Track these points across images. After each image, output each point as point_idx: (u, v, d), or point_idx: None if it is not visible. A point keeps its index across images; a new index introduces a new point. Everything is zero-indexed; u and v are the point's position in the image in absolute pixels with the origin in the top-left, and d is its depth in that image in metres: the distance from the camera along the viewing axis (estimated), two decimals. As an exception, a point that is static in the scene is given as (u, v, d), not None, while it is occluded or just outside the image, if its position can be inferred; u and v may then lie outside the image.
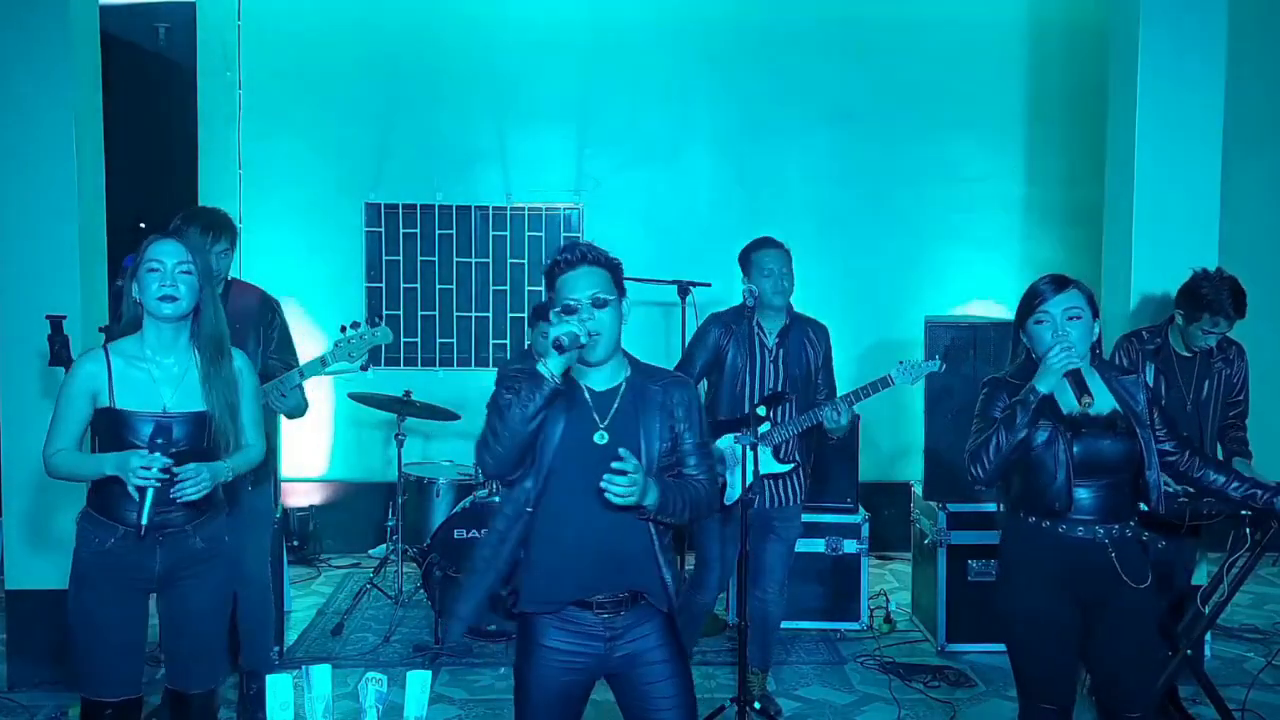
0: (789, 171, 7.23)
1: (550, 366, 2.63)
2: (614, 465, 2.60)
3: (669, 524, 2.79)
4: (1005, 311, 7.15)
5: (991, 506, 5.38)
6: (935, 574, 5.41)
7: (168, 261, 3.08)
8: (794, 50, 7.17)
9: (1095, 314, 3.16)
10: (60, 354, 3.91)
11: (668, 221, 7.05)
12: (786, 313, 4.49)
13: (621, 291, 2.79)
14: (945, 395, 5.44)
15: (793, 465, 4.45)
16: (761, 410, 4.30)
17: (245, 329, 4.29)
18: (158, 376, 3.11)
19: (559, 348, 2.62)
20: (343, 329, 4.30)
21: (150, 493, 2.98)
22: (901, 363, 4.44)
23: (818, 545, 5.58)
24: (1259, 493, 3.24)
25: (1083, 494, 3.07)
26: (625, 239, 5.94)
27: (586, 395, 2.78)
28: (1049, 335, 3.05)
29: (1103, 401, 3.13)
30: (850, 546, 5.61)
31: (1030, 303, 3.14)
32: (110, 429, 3.09)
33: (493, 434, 2.69)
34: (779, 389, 4.39)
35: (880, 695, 4.87)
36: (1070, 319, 3.07)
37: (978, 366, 5.41)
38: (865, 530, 5.61)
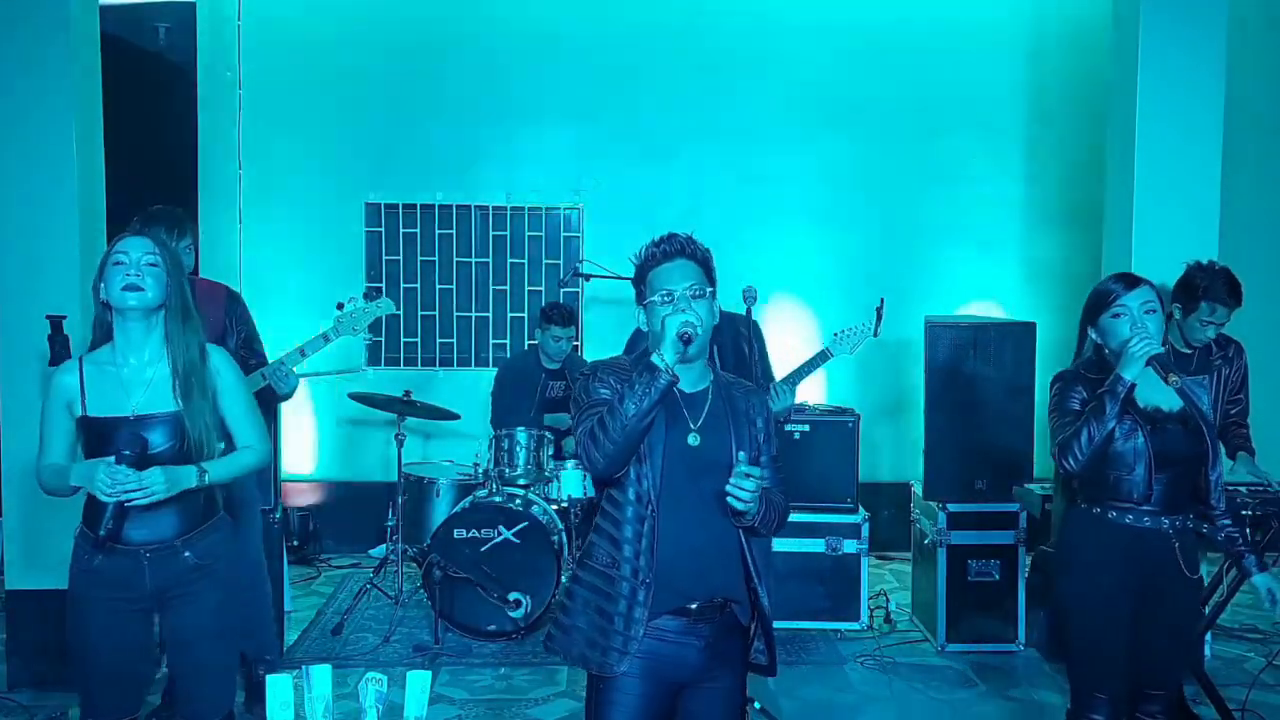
0: (789, 171, 7.23)
1: (666, 358, 2.54)
2: (742, 469, 2.56)
3: (759, 534, 2.75)
4: (1005, 311, 7.16)
5: (991, 506, 5.38)
6: (935, 574, 5.40)
7: (133, 254, 2.97)
8: (794, 50, 7.17)
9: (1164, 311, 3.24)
10: (60, 354, 3.92)
11: (668, 221, 6.97)
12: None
13: (714, 287, 2.74)
14: (945, 395, 5.44)
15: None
16: None
17: (217, 324, 4.32)
18: (126, 378, 2.99)
19: (686, 340, 2.55)
20: (339, 305, 4.35)
21: (111, 504, 2.87)
22: (837, 334, 4.45)
23: (818, 545, 5.57)
24: (1240, 543, 3.32)
25: (1155, 485, 3.16)
26: (625, 239, 5.91)
27: (677, 395, 2.69)
28: (1127, 328, 3.12)
29: (1173, 399, 3.19)
30: (850, 546, 5.61)
31: (1104, 299, 3.20)
32: (87, 438, 2.99)
33: (603, 431, 2.56)
34: None
35: (880, 695, 4.86)
36: (1148, 312, 3.14)
37: (977, 366, 5.41)
38: (865, 530, 5.61)
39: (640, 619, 2.63)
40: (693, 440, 2.68)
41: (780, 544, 5.38)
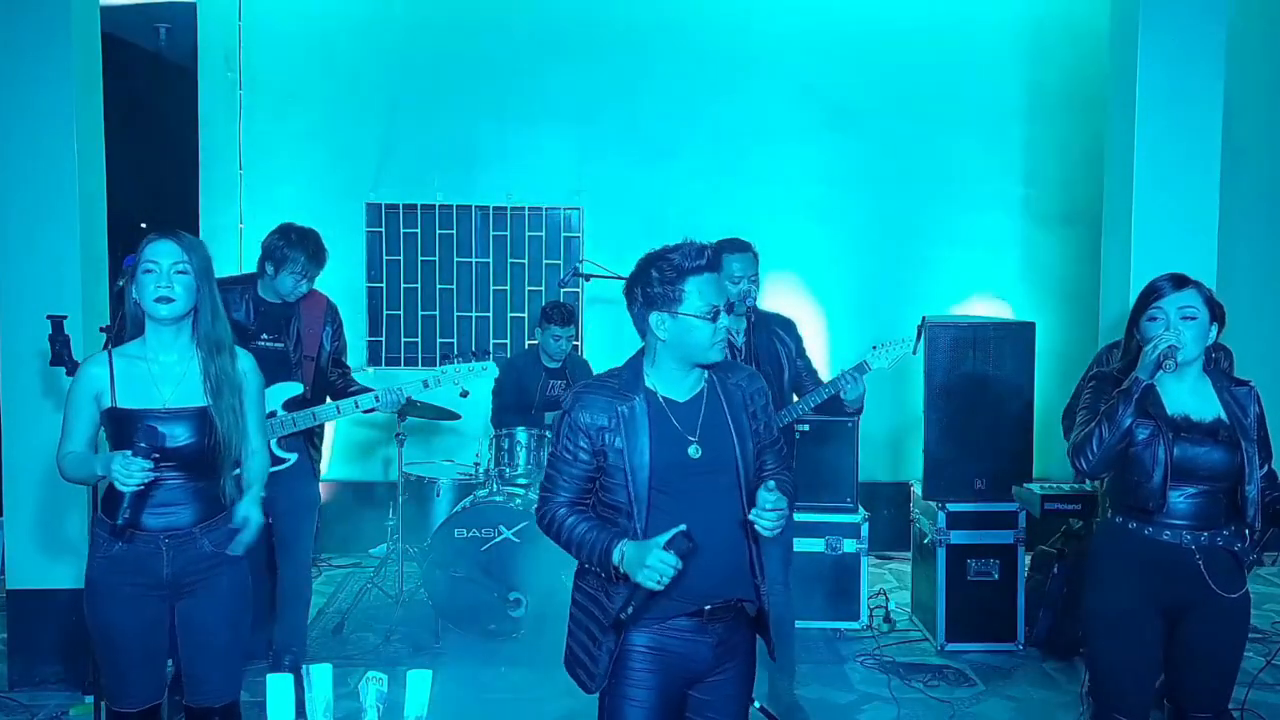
0: (789, 171, 7.24)
1: (625, 604, 2.58)
2: (769, 502, 2.55)
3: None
4: (1004, 311, 7.16)
5: (991, 506, 5.39)
6: (935, 574, 5.41)
7: (163, 262, 3.06)
8: (794, 51, 7.18)
9: (1213, 317, 3.09)
10: (61, 354, 3.92)
11: (668, 222, 7.04)
12: (750, 310, 4.46)
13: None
14: (945, 395, 5.44)
15: None
16: None
17: (317, 336, 4.69)
18: (157, 374, 3.09)
19: (686, 551, 2.53)
20: (445, 358, 4.88)
21: (129, 494, 2.96)
22: (875, 347, 4.43)
23: (818, 545, 5.58)
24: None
25: (1175, 497, 3.04)
26: (625, 239, 5.95)
27: (667, 408, 2.67)
28: (1159, 331, 3.02)
29: (1208, 408, 3.09)
30: (850, 546, 5.61)
31: (1146, 299, 3.10)
32: (115, 429, 3.08)
33: (550, 528, 2.73)
34: None
35: (880, 695, 4.87)
36: (1185, 318, 3.03)
37: (977, 366, 5.42)
38: (865, 530, 5.62)
39: (628, 637, 2.65)
40: (694, 452, 2.65)
41: (780, 544, 5.38)
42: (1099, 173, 5.76)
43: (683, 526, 2.52)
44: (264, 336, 4.54)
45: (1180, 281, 3.09)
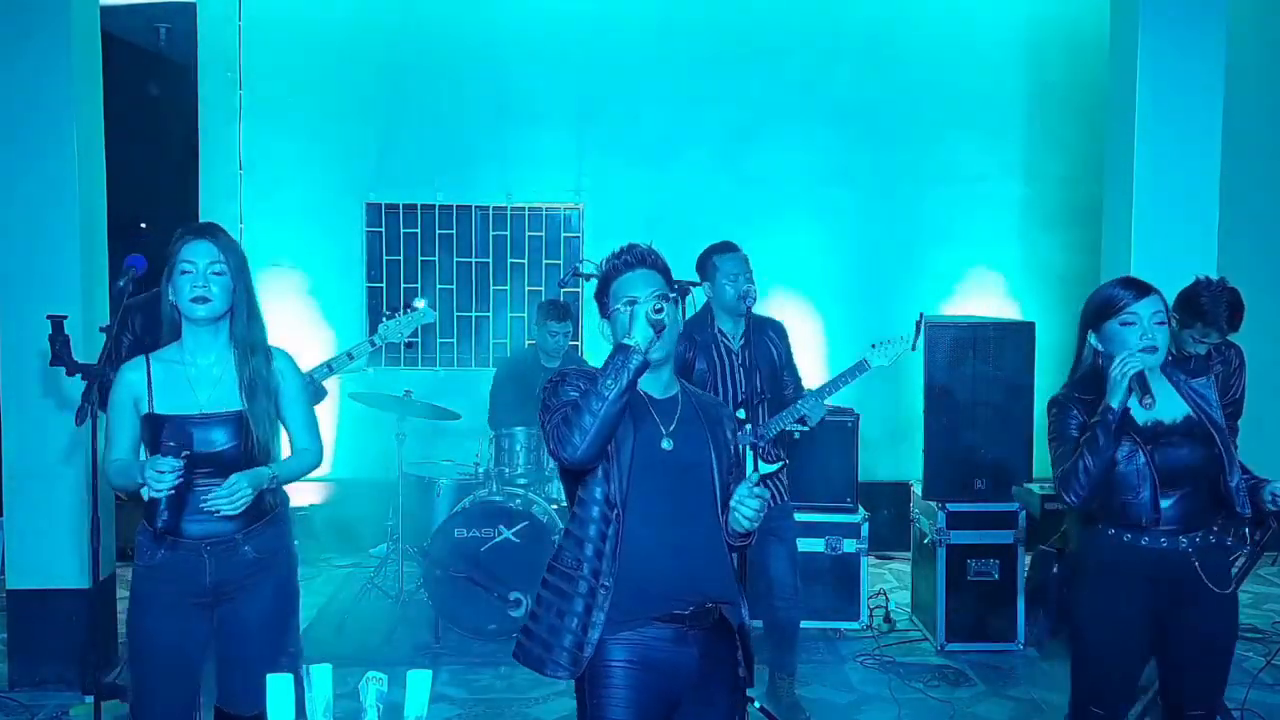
0: (789, 171, 7.24)
1: (636, 338, 2.53)
2: (755, 491, 2.54)
3: (736, 546, 2.72)
4: (1004, 311, 7.16)
5: (990, 506, 5.39)
6: (935, 573, 5.41)
7: (200, 262, 3.01)
8: (794, 50, 7.18)
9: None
10: (61, 354, 3.92)
11: (668, 221, 7.04)
12: (745, 315, 4.47)
13: (676, 295, 2.73)
14: (945, 395, 5.44)
15: (781, 464, 4.47)
16: (741, 414, 4.30)
17: None
18: (194, 378, 3.05)
19: (659, 326, 2.55)
20: (387, 315, 4.60)
21: (163, 497, 2.91)
22: (874, 345, 4.42)
23: (817, 545, 5.57)
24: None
25: (1165, 504, 3.00)
26: (625, 239, 5.93)
27: (647, 401, 2.67)
28: (1135, 338, 2.96)
29: (1176, 408, 3.06)
30: (849, 546, 5.61)
31: (1112, 305, 3.02)
32: (153, 435, 3.04)
33: (577, 414, 2.52)
34: (758, 390, 4.39)
35: (880, 695, 4.87)
36: (1158, 324, 2.98)
37: (977, 366, 5.42)
38: (865, 530, 5.61)
39: (598, 622, 2.59)
40: (666, 445, 2.64)
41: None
42: (1099, 173, 5.77)
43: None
44: None
45: (1144, 287, 3.04)
